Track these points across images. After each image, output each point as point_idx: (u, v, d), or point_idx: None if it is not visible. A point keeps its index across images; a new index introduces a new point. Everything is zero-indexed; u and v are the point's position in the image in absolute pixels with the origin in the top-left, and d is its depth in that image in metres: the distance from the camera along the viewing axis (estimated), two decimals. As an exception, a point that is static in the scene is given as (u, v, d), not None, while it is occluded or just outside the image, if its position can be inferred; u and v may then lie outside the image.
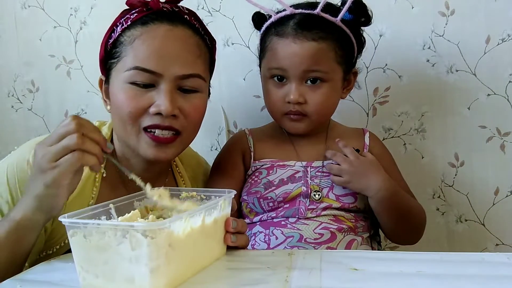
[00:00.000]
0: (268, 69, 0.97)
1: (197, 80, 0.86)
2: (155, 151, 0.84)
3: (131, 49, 0.83)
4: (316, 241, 0.91)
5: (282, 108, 0.96)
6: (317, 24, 0.93)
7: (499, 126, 1.14)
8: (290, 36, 0.93)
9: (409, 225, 0.99)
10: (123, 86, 0.83)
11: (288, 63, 0.93)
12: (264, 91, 1.01)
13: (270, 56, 0.96)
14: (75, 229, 0.60)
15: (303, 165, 0.98)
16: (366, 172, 0.92)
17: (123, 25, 0.86)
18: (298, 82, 0.94)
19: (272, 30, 0.96)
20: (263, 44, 0.99)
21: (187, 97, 0.85)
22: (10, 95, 1.42)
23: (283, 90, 0.96)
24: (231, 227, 0.73)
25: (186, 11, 0.90)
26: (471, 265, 0.65)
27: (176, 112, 0.82)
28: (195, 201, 0.77)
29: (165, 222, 0.57)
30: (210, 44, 0.93)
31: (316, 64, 0.93)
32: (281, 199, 0.94)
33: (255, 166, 1.00)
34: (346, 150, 0.95)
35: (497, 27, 1.11)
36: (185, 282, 0.62)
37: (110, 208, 0.68)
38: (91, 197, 0.86)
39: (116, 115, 0.86)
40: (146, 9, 0.86)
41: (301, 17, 0.93)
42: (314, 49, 0.92)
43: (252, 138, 1.04)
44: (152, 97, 0.82)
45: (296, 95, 0.93)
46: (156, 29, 0.84)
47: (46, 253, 0.84)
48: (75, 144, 0.67)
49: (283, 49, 0.93)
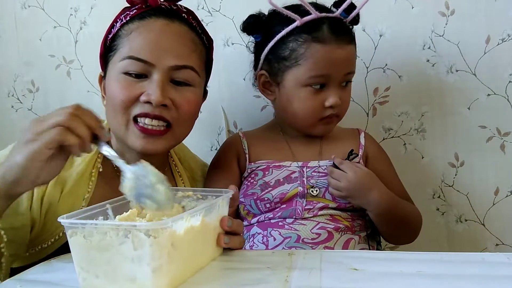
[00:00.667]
0: (308, 77, 0.93)
1: (190, 73, 0.86)
2: (144, 142, 0.84)
3: (127, 41, 0.85)
4: (313, 241, 0.91)
5: (320, 114, 0.96)
6: (345, 26, 0.95)
7: (499, 126, 1.14)
8: (333, 42, 0.92)
9: (406, 230, 1.00)
10: (118, 76, 0.84)
11: (334, 69, 0.93)
12: (294, 100, 0.96)
13: (310, 64, 0.92)
14: (74, 230, 0.59)
15: (299, 165, 0.97)
16: (364, 188, 0.91)
17: (122, 20, 0.87)
18: (338, 86, 0.95)
19: (305, 36, 0.92)
20: (289, 52, 0.94)
21: (179, 89, 0.86)
22: (10, 95, 1.42)
23: (320, 96, 0.94)
24: (227, 225, 0.73)
25: (184, 10, 0.91)
26: (471, 265, 0.64)
27: (167, 102, 0.83)
28: (191, 200, 0.76)
29: (167, 221, 0.57)
30: (207, 44, 0.93)
31: (353, 66, 0.97)
32: (278, 200, 0.94)
33: (251, 168, 1.00)
34: (343, 166, 0.93)
35: (497, 27, 1.11)
36: (185, 282, 0.62)
37: (107, 209, 0.68)
38: (87, 191, 0.86)
39: (109, 106, 0.86)
40: (145, 6, 0.88)
41: (330, 21, 0.93)
42: (353, 52, 0.96)
43: (247, 140, 1.04)
44: (144, 87, 0.83)
45: (337, 99, 0.94)
46: (153, 22, 0.85)
47: (41, 247, 0.83)
48: (62, 121, 0.66)
49: (329, 56, 0.92)
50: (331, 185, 0.93)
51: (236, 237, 0.76)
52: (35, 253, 0.83)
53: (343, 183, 0.91)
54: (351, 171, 0.92)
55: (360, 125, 1.18)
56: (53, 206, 0.82)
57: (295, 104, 0.96)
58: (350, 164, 0.93)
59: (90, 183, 0.87)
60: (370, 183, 0.92)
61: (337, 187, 0.92)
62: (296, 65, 0.93)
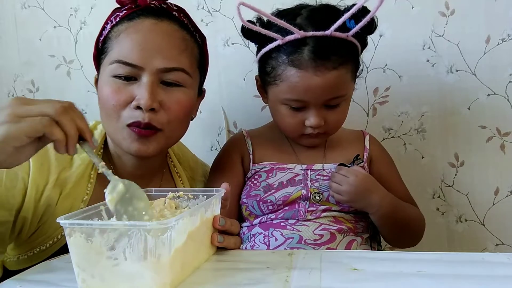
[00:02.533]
0: (284, 99, 0.90)
1: (180, 74, 0.84)
2: (137, 144, 0.82)
3: (116, 43, 0.84)
4: (315, 242, 0.90)
5: (300, 131, 0.94)
6: (333, 48, 0.86)
7: (499, 126, 1.14)
8: (310, 69, 0.85)
9: (408, 233, 0.99)
10: (108, 79, 0.83)
11: (310, 96, 0.88)
12: (275, 113, 0.95)
13: (286, 87, 0.89)
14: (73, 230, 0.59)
15: (303, 168, 0.97)
16: (365, 191, 0.91)
17: (113, 22, 0.87)
18: (319, 108, 0.90)
19: (284, 58, 0.88)
20: (270, 68, 0.91)
21: (169, 90, 0.84)
22: (10, 95, 1.42)
23: (300, 115, 0.91)
24: (218, 224, 0.72)
25: (175, 8, 0.89)
26: (471, 265, 0.64)
27: (155, 105, 0.81)
28: (182, 200, 0.75)
29: (169, 221, 0.57)
30: (200, 41, 0.92)
31: (337, 91, 0.89)
32: (281, 202, 0.93)
33: (255, 169, 0.99)
34: (344, 171, 0.92)
35: (497, 27, 1.11)
36: (184, 281, 0.62)
37: (101, 210, 0.67)
38: (86, 193, 0.86)
39: (102, 109, 0.85)
40: (134, 6, 0.86)
41: (315, 42, 0.85)
42: (336, 78, 0.87)
43: (251, 140, 1.03)
44: (134, 91, 0.81)
45: (318, 120, 0.90)
46: (141, 23, 0.84)
47: (40, 249, 0.83)
48: (52, 112, 0.62)
49: (304, 83, 0.86)
50: (332, 189, 0.92)
51: (231, 237, 0.75)
52: (33, 255, 0.83)
53: (345, 186, 0.90)
54: (352, 175, 0.91)
55: (360, 125, 1.18)
56: (51, 208, 0.82)
57: (277, 117, 0.96)
58: (350, 169, 0.93)
59: (88, 185, 0.86)
60: (371, 186, 0.92)
61: (338, 191, 0.91)
62: (275, 83, 0.91)
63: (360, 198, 0.91)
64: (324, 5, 0.94)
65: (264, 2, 0.99)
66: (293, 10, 0.93)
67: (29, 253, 0.83)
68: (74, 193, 0.84)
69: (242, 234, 0.97)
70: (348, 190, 0.90)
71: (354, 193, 0.90)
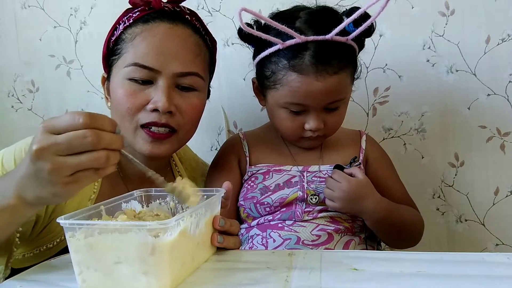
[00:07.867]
0: (284, 103, 0.90)
1: (195, 79, 0.86)
2: (151, 147, 0.84)
3: (131, 46, 0.84)
4: (313, 243, 0.90)
5: (299, 134, 0.94)
6: (334, 53, 0.86)
7: (499, 126, 1.14)
8: (311, 74, 0.85)
9: (405, 236, 0.98)
10: (123, 82, 0.84)
11: (310, 100, 0.88)
12: (274, 116, 0.95)
13: (286, 92, 0.88)
14: (73, 230, 0.59)
15: (299, 170, 0.97)
16: (358, 197, 0.90)
17: (125, 23, 0.87)
18: (319, 111, 0.90)
19: (284, 63, 0.87)
20: (270, 73, 0.90)
21: (184, 95, 0.86)
22: (10, 95, 1.42)
23: (300, 118, 0.91)
24: (218, 225, 0.72)
25: (188, 11, 0.91)
26: (471, 265, 0.64)
27: (172, 109, 0.83)
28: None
29: (169, 221, 0.57)
30: (210, 45, 0.93)
31: (338, 95, 0.90)
32: (278, 204, 0.93)
33: (251, 171, 0.99)
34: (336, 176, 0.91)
35: (497, 27, 1.11)
36: (184, 281, 0.62)
37: (101, 210, 0.67)
38: (93, 191, 0.86)
39: (115, 111, 0.86)
40: (148, 8, 0.87)
41: (315, 47, 0.85)
42: (336, 82, 0.87)
43: (247, 142, 1.03)
44: (150, 94, 0.83)
45: (318, 124, 0.90)
46: (157, 27, 0.85)
47: (46, 247, 0.83)
48: (96, 162, 0.56)
49: (305, 88, 0.86)
50: (326, 195, 0.91)
51: (231, 237, 0.75)
52: (39, 253, 0.83)
53: (337, 192, 0.89)
54: (344, 180, 0.90)
55: (360, 125, 1.18)
56: (59, 206, 0.82)
57: (276, 120, 0.95)
58: (343, 173, 0.91)
59: (96, 184, 0.87)
60: (365, 192, 0.90)
61: (331, 197, 0.90)
62: (275, 88, 0.90)
63: (352, 205, 0.90)
64: (323, 8, 0.94)
65: (264, 2, 1.00)
66: (291, 13, 0.92)
67: (35, 250, 0.83)
68: (82, 192, 0.84)
69: (240, 236, 0.97)
70: (339, 196, 0.89)
71: (346, 200, 0.89)
